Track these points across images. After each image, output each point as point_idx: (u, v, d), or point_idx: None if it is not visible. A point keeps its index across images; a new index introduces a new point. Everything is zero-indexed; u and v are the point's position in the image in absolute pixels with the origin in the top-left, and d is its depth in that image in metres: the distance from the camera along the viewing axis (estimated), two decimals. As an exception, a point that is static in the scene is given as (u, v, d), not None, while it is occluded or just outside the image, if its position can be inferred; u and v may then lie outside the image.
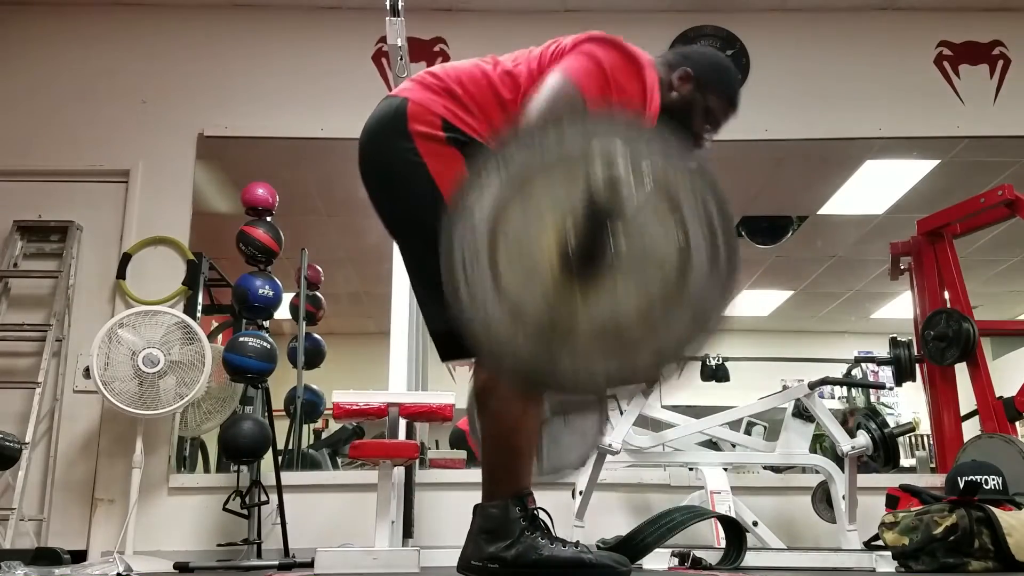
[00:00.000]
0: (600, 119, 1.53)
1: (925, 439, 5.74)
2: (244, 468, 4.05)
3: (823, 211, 6.11)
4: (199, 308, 4.64)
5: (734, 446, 4.07)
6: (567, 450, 2.41)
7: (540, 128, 1.53)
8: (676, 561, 3.00)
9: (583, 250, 1.40)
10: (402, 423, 3.80)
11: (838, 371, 5.36)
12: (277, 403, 4.48)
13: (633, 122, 1.54)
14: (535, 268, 1.42)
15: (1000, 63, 5.06)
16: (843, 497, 3.80)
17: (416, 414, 3.78)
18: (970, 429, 4.52)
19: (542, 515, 1.89)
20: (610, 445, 3.68)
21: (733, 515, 3.47)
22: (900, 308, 6.49)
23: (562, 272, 1.42)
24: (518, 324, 1.40)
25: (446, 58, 4.99)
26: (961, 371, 4.51)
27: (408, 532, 3.83)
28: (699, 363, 6.11)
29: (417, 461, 3.90)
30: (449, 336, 1.91)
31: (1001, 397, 4.29)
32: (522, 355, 1.40)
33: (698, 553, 3.06)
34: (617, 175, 1.33)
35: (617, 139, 1.47)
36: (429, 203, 1.90)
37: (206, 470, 4.92)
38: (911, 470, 5.43)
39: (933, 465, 4.79)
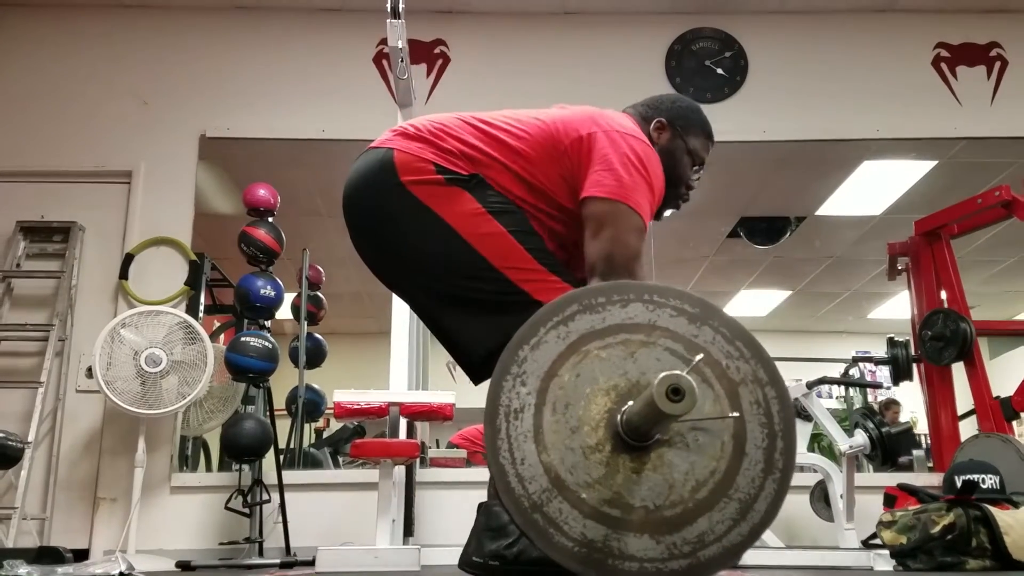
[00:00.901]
0: (666, 291, 1.51)
1: (923, 438, 5.75)
2: (246, 467, 4.06)
3: (821, 212, 6.12)
4: (201, 308, 4.65)
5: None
6: None
7: (606, 291, 1.50)
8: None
9: (634, 428, 1.38)
10: (403, 422, 3.81)
11: (836, 371, 5.38)
12: (279, 402, 4.48)
13: (700, 301, 1.50)
14: (580, 429, 1.40)
15: (997, 64, 5.08)
16: (841, 496, 3.82)
17: (417, 413, 3.79)
18: (967, 428, 4.54)
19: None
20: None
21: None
22: (897, 308, 6.50)
23: (607, 436, 1.40)
24: (555, 485, 1.36)
25: (446, 60, 5.01)
26: (958, 371, 4.52)
27: (409, 531, 3.84)
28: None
29: (418, 460, 3.91)
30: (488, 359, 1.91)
31: (998, 397, 4.30)
32: (555, 523, 1.35)
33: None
34: (680, 385, 1.29)
35: (683, 319, 1.48)
36: (448, 246, 1.92)
37: (208, 469, 4.93)
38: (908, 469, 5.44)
39: (931, 464, 4.81)
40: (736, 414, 1.42)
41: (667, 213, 2.27)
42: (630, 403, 1.40)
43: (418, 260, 1.98)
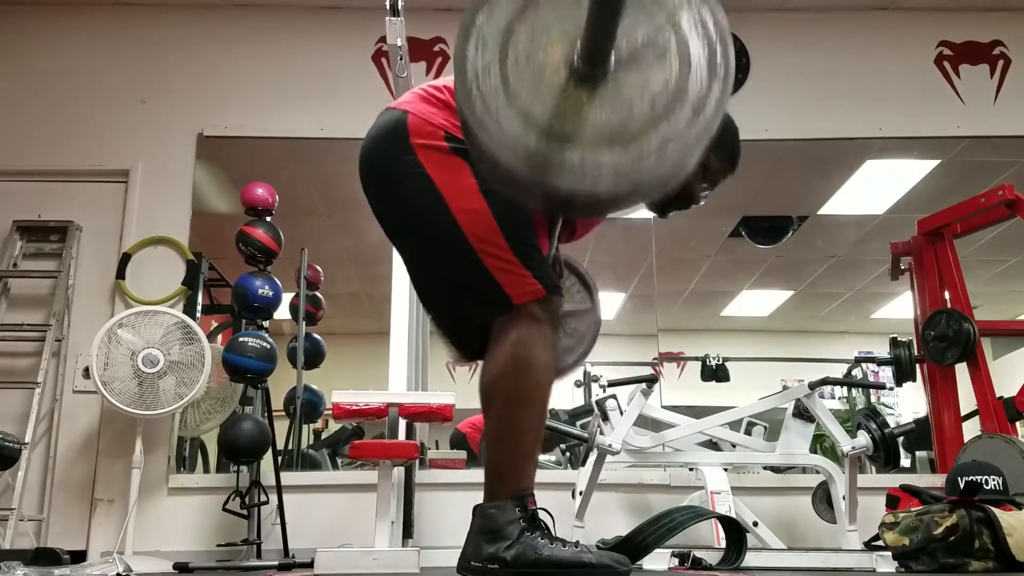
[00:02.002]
0: None
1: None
2: (244, 468, 4.06)
3: (823, 211, 6.10)
4: (199, 308, 4.64)
5: (734, 446, 4.07)
6: (565, 353, 2.45)
7: None
8: (676, 561, 3.00)
9: (588, 56, 1.49)
10: (402, 423, 3.80)
11: (838, 371, 5.36)
12: (277, 403, 4.47)
13: None
14: (543, 74, 1.52)
15: (1000, 63, 5.06)
16: (843, 497, 3.80)
17: (416, 414, 3.77)
18: (970, 429, 4.52)
19: (543, 516, 1.89)
20: (610, 445, 3.68)
21: (733, 515, 3.47)
22: (900, 308, 6.47)
23: (568, 76, 1.51)
24: (528, 125, 1.49)
25: (446, 58, 4.99)
26: (961, 371, 4.51)
27: (408, 532, 3.83)
28: (700, 362, 6.14)
29: (417, 461, 3.90)
30: (459, 331, 1.99)
31: (1001, 397, 4.29)
32: (534, 152, 1.48)
33: (698, 553, 3.05)
34: None
35: None
36: (434, 213, 1.93)
37: (206, 470, 4.91)
38: (911, 470, 5.43)
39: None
40: (679, 33, 1.54)
41: (671, 214, 2.28)
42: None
43: (411, 225, 2.02)
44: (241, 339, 4.00)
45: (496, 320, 1.90)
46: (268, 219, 4.30)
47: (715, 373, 6.08)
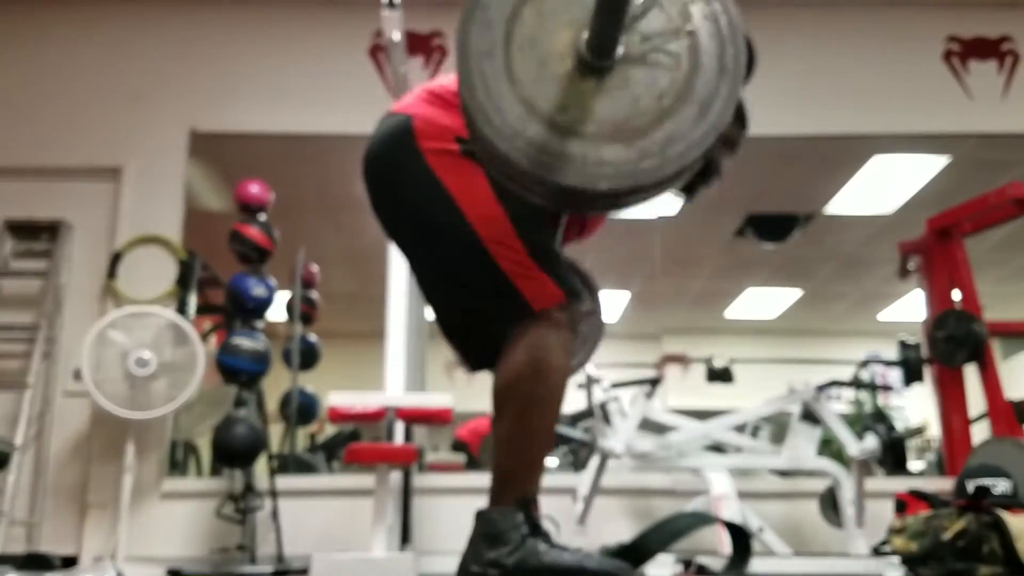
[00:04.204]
0: None
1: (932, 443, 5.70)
2: (238, 472, 4.03)
3: (831, 210, 6.08)
4: (192, 308, 4.61)
5: (740, 450, 4.04)
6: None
7: None
8: (680, 568, 2.96)
9: (596, 45, 1.48)
10: (399, 426, 3.76)
11: (846, 373, 5.32)
12: (272, 406, 4.44)
13: None
14: (548, 61, 1.51)
15: (1009, 58, 5.02)
16: (851, 502, 3.77)
17: (414, 417, 3.74)
18: (980, 432, 4.47)
19: (547, 523, 1.86)
20: (612, 449, 3.64)
21: (739, 521, 3.42)
22: (909, 309, 6.44)
23: (574, 64, 1.51)
24: (530, 113, 1.48)
25: (445, 52, 4.95)
26: (971, 373, 4.46)
27: (406, 537, 3.82)
28: (704, 363, 6.11)
29: (415, 465, 3.87)
30: (470, 341, 1.98)
31: (1011, 399, 4.25)
32: (535, 143, 1.47)
33: (702, 560, 3.00)
34: None
35: None
36: (448, 220, 1.89)
37: (199, 474, 4.89)
38: (919, 474, 5.40)
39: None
40: (691, 29, 1.53)
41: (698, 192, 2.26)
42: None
43: (421, 232, 1.98)
44: (235, 340, 4.00)
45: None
46: (262, 217, 4.28)
47: (720, 375, 6.06)
